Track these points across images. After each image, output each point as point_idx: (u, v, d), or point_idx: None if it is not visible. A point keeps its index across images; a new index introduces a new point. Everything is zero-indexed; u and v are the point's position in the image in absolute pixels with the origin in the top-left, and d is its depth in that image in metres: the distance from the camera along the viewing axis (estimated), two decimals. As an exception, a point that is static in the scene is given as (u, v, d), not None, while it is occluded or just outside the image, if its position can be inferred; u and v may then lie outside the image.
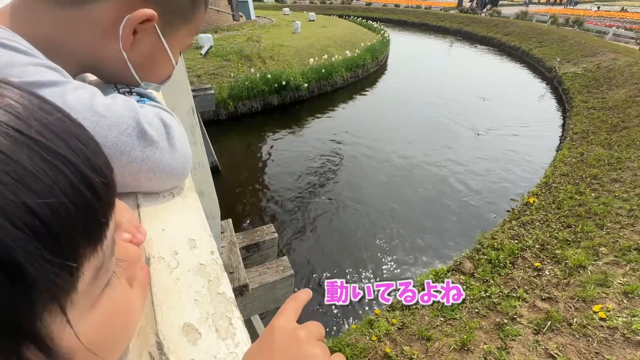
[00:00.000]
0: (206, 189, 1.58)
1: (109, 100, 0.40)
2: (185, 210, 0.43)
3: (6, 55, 0.35)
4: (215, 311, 0.32)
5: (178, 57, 0.58)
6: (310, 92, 9.07)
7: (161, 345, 0.29)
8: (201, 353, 0.29)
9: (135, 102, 0.43)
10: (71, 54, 0.46)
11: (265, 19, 16.46)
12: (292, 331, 0.28)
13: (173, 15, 0.50)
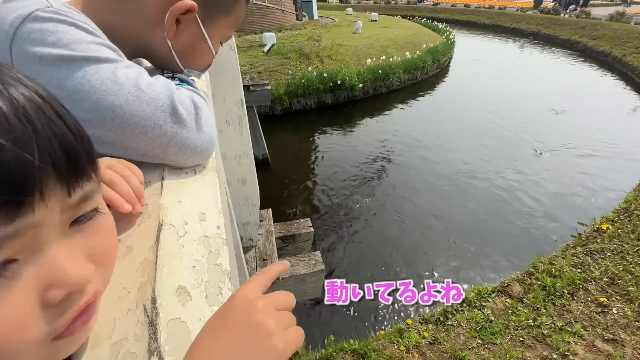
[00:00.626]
0: (248, 178, 1.66)
1: (152, 80, 0.45)
2: (202, 187, 0.46)
3: (77, 33, 0.41)
4: (209, 279, 0.34)
5: (218, 47, 0.62)
6: (364, 92, 8.99)
7: (155, 301, 0.31)
8: (188, 314, 0.31)
9: (173, 84, 0.47)
10: (126, 40, 0.52)
11: (328, 19, 16.67)
12: (250, 300, 0.27)
13: (213, 7, 0.54)
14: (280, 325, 0.27)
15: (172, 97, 0.44)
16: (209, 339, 0.25)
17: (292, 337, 0.27)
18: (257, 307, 0.27)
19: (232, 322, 0.26)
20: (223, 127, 1.44)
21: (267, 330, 0.26)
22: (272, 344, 0.25)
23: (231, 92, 1.37)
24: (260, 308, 0.27)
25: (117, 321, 0.30)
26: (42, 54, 0.37)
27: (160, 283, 0.33)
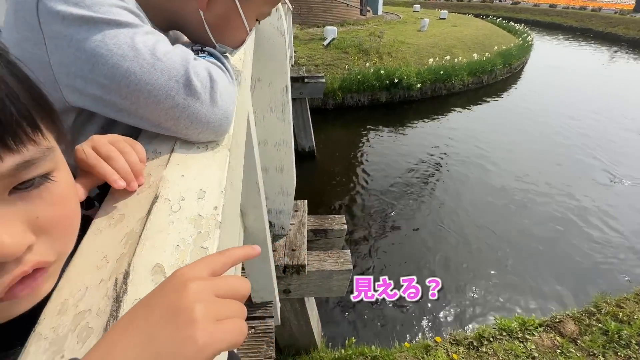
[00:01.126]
0: (286, 166, 1.65)
1: (169, 48, 0.43)
2: (210, 165, 0.43)
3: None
4: (190, 260, 0.31)
5: (254, 24, 0.59)
6: (422, 93, 8.59)
7: (127, 276, 0.29)
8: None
9: (191, 54, 0.45)
10: (159, 9, 0.52)
11: (393, 15, 16.18)
12: (184, 280, 0.23)
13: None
14: (212, 314, 0.22)
15: (187, 67, 0.42)
16: (127, 318, 0.22)
17: (223, 331, 0.22)
18: (188, 289, 0.22)
19: (156, 302, 0.22)
20: (266, 113, 1.44)
21: (190, 317, 0.21)
22: (191, 334, 0.20)
23: (277, 78, 1.36)
24: (193, 290, 0.22)
25: (87, 290, 0.29)
26: (65, 13, 0.37)
27: (138, 258, 0.31)
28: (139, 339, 0.20)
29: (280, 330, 2.47)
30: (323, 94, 6.04)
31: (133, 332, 0.21)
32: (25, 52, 0.40)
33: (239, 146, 0.57)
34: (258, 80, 1.36)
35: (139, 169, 0.38)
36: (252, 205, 1.10)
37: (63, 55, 0.39)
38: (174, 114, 0.42)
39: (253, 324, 1.42)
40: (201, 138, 0.46)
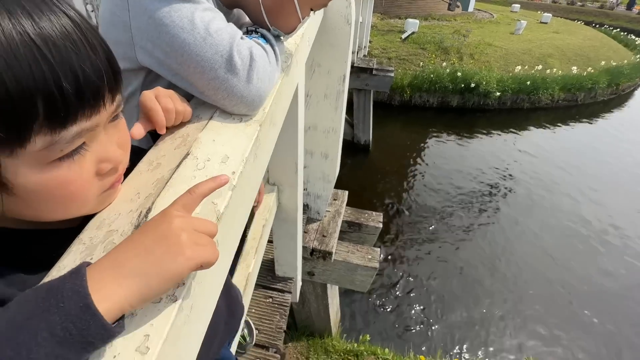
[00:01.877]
0: (331, 154, 1.69)
1: (222, 26, 0.48)
2: (239, 135, 0.48)
3: None
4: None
5: (307, 12, 0.62)
6: (500, 102, 7.86)
7: (149, 211, 0.36)
8: (166, 232, 0.34)
9: (239, 33, 0.50)
10: None
11: (486, 13, 14.85)
12: (170, 216, 0.30)
13: None
14: (192, 239, 0.29)
15: (233, 45, 0.47)
16: (128, 240, 0.29)
17: (202, 250, 0.29)
18: (173, 222, 0.29)
19: (150, 230, 0.29)
20: (320, 99, 1.48)
21: (177, 240, 0.28)
22: (179, 250, 0.28)
23: (337, 67, 1.38)
24: (177, 223, 0.29)
25: (119, 216, 0.36)
26: None
27: (160, 199, 0.37)
28: (139, 251, 0.27)
29: (300, 308, 2.57)
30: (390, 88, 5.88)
31: (134, 248, 0.28)
32: (114, 17, 0.49)
33: (273, 124, 0.61)
34: (318, 66, 1.39)
35: (172, 121, 0.47)
36: (288, 183, 1.16)
37: (140, 20, 0.46)
38: (214, 85, 0.48)
39: (271, 294, 1.52)
40: (235, 110, 0.51)
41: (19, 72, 0.24)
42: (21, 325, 0.21)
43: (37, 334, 0.21)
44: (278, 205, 1.23)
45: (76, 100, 0.28)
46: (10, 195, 0.29)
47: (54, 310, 0.22)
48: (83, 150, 0.31)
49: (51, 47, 0.26)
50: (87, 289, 0.23)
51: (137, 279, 0.26)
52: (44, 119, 0.26)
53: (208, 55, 0.46)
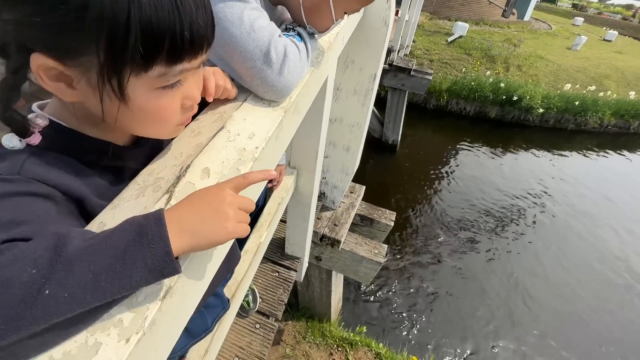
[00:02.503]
0: (353, 148, 1.75)
1: (265, 24, 0.57)
2: (265, 117, 0.57)
3: None
4: (226, 174, 0.46)
5: (340, 15, 0.69)
6: (542, 120, 7.49)
7: (188, 168, 0.46)
8: (199, 184, 0.44)
9: (277, 31, 0.59)
10: None
11: (544, 23, 14.00)
12: (223, 193, 0.38)
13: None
14: (236, 217, 0.37)
15: (271, 41, 0.56)
16: (185, 201, 0.37)
17: (240, 228, 0.38)
18: (225, 199, 0.37)
19: (202, 197, 0.37)
20: (349, 94, 1.54)
21: (225, 215, 0.37)
22: (225, 225, 0.36)
23: (369, 65, 1.43)
24: (228, 200, 0.38)
25: (166, 168, 0.46)
26: None
27: (197, 160, 0.47)
28: (196, 215, 0.35)
29: (304, 290, 2.70)
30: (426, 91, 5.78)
31: (193, 211, 0.35)
32: None
33: (297, 112, 0.70)
34: (352, 62, 1.45)
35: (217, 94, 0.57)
36: (306, 168, 1.25)
37: None
38: (252, 73, 0.57)
39: (278, 269, 1.64)
40: (265, 96, 0.60)
41: (161, 15, 0.33)
42: (124, 251, 0.29)
43: (136, 261, 0.29)
44: (295, 187, 1.32)
45: (189, 45, 0.37)
46: (125, 108, 0.38)
47: (147, 249, 0.30)
48: (179, 84, 0.41)
49: (185, 4, 0.34)
50: (169, 239, 0.31)
51: (191, 236, 0.34)
52: (166, 54, 0.35)
53: (250, 47, 0.55)
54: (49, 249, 0.28)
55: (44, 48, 0.33)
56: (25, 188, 0.35)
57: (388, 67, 4.88)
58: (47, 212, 0.35)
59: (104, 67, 0.34)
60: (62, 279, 0.27)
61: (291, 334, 2.53)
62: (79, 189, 0.39)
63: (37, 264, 0.27)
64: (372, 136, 6.21)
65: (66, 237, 0.29)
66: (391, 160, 6.15)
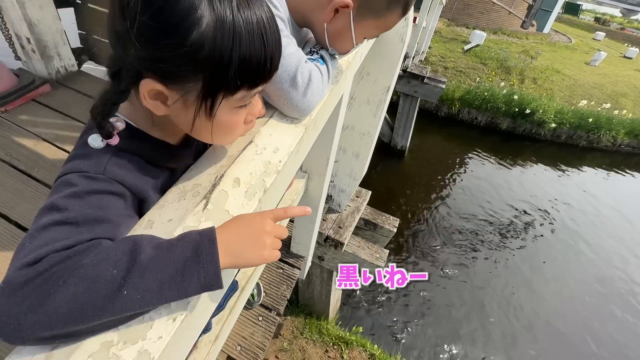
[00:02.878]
0: (362, 154, 1.82)
1: (293, 50, 0.64)
2: (288, 133, 0.65)
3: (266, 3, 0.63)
4: (254, 184, 0.53)
5: (361, 41, 0.76)
6: (554, 135, 7.45)
7: (221, 177, 0.53)
8: (230, 191, 0.51)
9: (304, 58, 0.65)
10: (301, 13, 0.73)
11: (563, 36, 13.81)
12: (264, 222, 0.44)
13: (365, 9, 0.67)
14: (272, 245, 0.45)
15: (298, 67, 0.62)
16: (233, 225, 0.43)
17: (274, 254, 0.45)
18: (265, 229, 0.44)
19: (247, 224, 0.43)
20: (362, 104, 1.60)
21: (264, 244, 0.44)
22: (262, 252, 0.43)
23: (383, 78, 1.49)
24: (267, 230, 0.44)
25: (202, 175, 0.54)
26: None
27: (229, 170, 0.54)
28: (238, 239, 0.41)
29: (305, 288, 2.78)
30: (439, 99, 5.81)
31: (237, 235, 0.42)
32: None
33: (316, 127, 0.77)
34: (367, 74, 1.52)
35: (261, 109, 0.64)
36: (317, 173, 1.32)
37: None
38: (279, 94, 0.64)
39: (282, 266, 1.71)
40: (289, 114, 0.67)
41: (253, 52, 0.40)
42: (184, 266, 0.35)
43: (192, 277, 0.36)
44: (305, 190, 1.39)
45: (267, 74, 0.44)
46: (207, 122, 0.45)
47: (201, 267, 0.36)
48: (248, 104, 0.48)
49: (268, 35, 0.41)
50: (219, 262, 0.37)
51: (233, 257, 0.40)
52: (249, 80, 0.43)
53: (279, 72, 0.62)
54: (126, 253, 0.34)
55: (157, 76, 0.40)
56: (108, 187, 0.41)
57: (402, 72, 4.92)
58: (120, 210, 0.42)
59: (203, 92, 0.42)
60: (137, 283, 0.33)
61: (289, 329, 2.62)
62: (145, 188, 0.47)
63: (117, 266, 0.33)
64: (381, 140, 6.25)
65: (140, 243, 0.36)
66: (398, 166, 6.19)
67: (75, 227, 0.37)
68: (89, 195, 0.39)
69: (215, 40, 0.37)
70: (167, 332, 0.37)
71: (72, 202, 0.38)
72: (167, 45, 0.37)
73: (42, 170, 1.76)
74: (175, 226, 0.45)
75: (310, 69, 0.65)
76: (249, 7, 0.39)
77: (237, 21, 0.38)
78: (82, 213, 0.38)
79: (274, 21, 0.43)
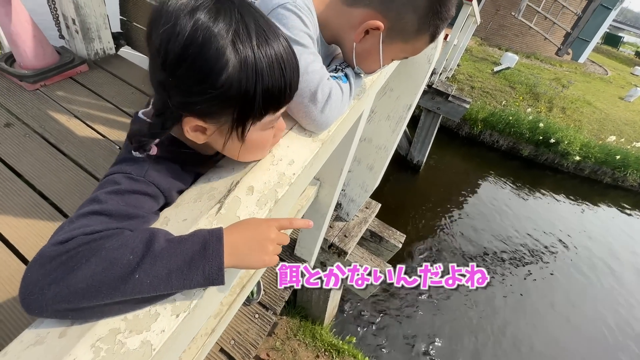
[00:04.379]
0: (376, 167, 1.83)
1: (317, 67, 0.66)
2: (305, 147, 0.67)
3: (298, 23, 0.65)
4: (266, 193, 0.56)
5: (388, 62, 0.77)
6: (577, 168, 7.22)
7: (237, 184, 0.56)
8: (244, 198, 0.54)
9: (327, 75, 0.67)
10: (331, 30, 0.75)
11: (600, 67, 13.38)
12: (269, 229, 0.48)
13: (395, 32, 0.69)
14: (274, 251, 0.48)
15: (320, 83, 0.65)
16: (241, 228, 0.46)
17: (274, 260, 0.49)
18: (270, 236, 0.48)
19: (253, 229, 0.47)
20: (382, 119, 1.61)
21: (266, 250, 0.47)
22: (264, 257, 0.47)
23: (406, 96, 1.50)
24: (272, 237, 0.48)
25: (219, 181, 0.57)
26: None
27: (245, 178, 0.57)
28: (243, 242, 0.45)
29: (303, 291, 2.79)
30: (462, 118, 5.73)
31: (243, 238, 0.45)
32: None
33: (333, 142, 0.79)
34: (390, 90, 1.53)
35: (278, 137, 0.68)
36: (329, 182, 1.34)
37: None
38: (299, 108, 0.66)
39: (285, 267, 1.74)
40: (307, 128, 0.69)
41: (275, 83, 0.45)
42: (191, 258, 0.39)
43: (197, 270, 0.39)
44: (315, 197, 1.41)
45: (288, 97, 0.49)
46: (239, 143, 0.50)
47: (207, 262, 0.40)
48: (274, 124, 0.54)
49: (285, 64, 0.45)
50: (224, 258, 0.41)
51: (237, 258, 0.43)
52: (273, 106, 0.48)
53: (301, 87, 0.64)
54: (143, 242, 0.38)
55: (195, 114, 0.46)
56: (145, 189, 0.47)
57: (427, 88, 4.89)
58: (152, 209, 0.48)
59: (235, 122, 0.47)
60: (148, 269, 0.37)
61: (283, 329, 2.64)
62: (172, 192, 0.52)
63: (134, 252, 0.37)
64: (398, 153, 6.22)
65: (156, 235, 0.40)
66: (412, 180, 6.14)
67: (108, 217, 0.42)
68: (129, 194, 0.45)
69: (240, 79, 0.42)
70: (170, 326, 0.40)
71: (112, 197, 0.44)
72: (201, 91, 0.42)
73: (70, 146, 1.85)
74: (189, 226, 0.48)
75: (332, 86, 0.68)
76: (268, 43, 0.44)
77: (257, 58, 0.42)
78: (117, 207, 0.43)
79: (290, 49, 0.48)
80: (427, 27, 0.69)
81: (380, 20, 0.67)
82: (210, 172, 0.58)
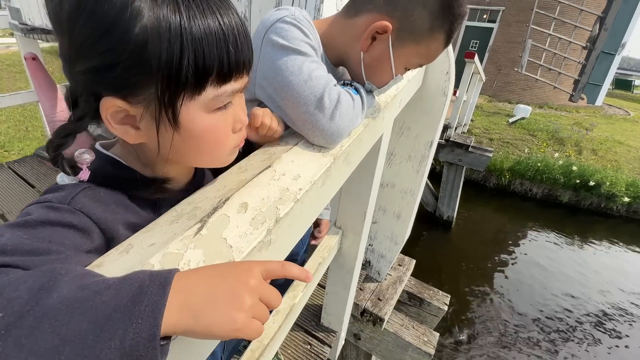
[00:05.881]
0: (404, 215, 1.65)
1: (322, 74, 0.59)
2: (314, 162, 0.55)
3: (298, 34, 0.60)
4: (264, 211, 0.43)
5: (401, 71, 0.70)
6: (629, 210, 6.55)
7: (226, 201, 0.44)
8: (233, 217, 0.41)
9: (333, 81, 0.60)
10: (336, 49, 0.70)
11: (619, 109, 13.20)
12: (248, 276, 0.31)
13: (405, 33, 0.62)
14: (252, 310, 0.30)
15: (325, 88, 0.56)
16: (207, 269, 0.31)
17: (252, 325, 0.30)
18: (248, 282, 0.30)
19: (226, 276, 0.30)
20: (403, 160, 1.51)
21: (240, 302, 0.29)
22: (235, 316, 0.28)
23: (426, 132, 1.41)
24: (251, 285, 0.30)
25: (206, 199, 0.45)
26: (275, 41, 0.59)
27: (237, 194, 0.45)
28: (207, 291, 0.28)
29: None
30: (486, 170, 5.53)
31: (206, 286, 0.29)
32: None
33: (348, 162, 0.67)
34: (407, 129, 1.46)
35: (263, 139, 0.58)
36: (353, 230, 1.18)
37: (264, 65, 0.60)
38: (304, 118, 0.57)
39: (311, 341, 1.46)
40: (316, 141, 0.59)
41: (212, 44, 0.37)
42: (109, 318, 0.23)
43: (113, 337, 0.23)
44: (339, 249, 1.24)
45: (235, 65, 0.40)
46: (179, 137, 0.40)
47: (134, 322, 0.23)
48: (229, 105, 0.44)
49: (229, 33, 0.38)
50: (162, 317, 0.24)
51: (189, 314, 0.26)
52: (216, 75, 0.38)
53: (305, 93, 0.56)
54: (31, 290, 0.23)
55: (111, 89, 0.37)
56: (69, 219, 0.36)
57: (444, 142, 4.86)
58: (78, 245, 0.36)
59: (161, 96, 0.37)
60: (22, 338, 0.21)
61: None
62: (114, 224, 0.40)
63: (9, 307, 0.22)
64: (426, 210, 5.94)
65: (60, 278, 0.25)
66: (445, 237, 5.71)
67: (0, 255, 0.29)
68: (41, 226, 0.34)
69: (160, 38, 0.34)
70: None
71: (12, 230, 0.33)
72: (109, 49, 0.34)
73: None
74: (154, 251, 0.35)
75: (339, 91, 0.59)
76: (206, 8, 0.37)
77: (187, 18, 0.35)
78: (16, 241, 0.31)
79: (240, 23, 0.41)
80: (441, 24, 0.63)
81: (387, 21, 0.61)
82: (196, 193, 0.47)
